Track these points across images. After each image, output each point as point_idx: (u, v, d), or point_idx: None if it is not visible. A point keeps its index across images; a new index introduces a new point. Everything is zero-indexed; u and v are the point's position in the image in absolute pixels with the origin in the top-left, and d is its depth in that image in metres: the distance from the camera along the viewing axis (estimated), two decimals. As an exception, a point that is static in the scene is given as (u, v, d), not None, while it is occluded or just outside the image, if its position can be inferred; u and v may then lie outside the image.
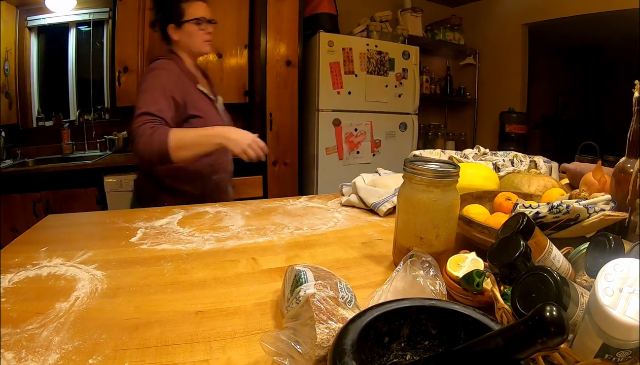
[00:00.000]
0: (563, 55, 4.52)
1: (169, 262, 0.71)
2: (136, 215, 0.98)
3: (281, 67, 2.64)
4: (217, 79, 2.75)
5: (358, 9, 3.22)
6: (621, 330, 0.30)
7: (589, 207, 0.61)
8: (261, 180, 2.72)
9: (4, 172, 2.09)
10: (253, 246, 0.80)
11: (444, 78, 3.88)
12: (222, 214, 1.01)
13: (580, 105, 5.02)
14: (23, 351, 0.45)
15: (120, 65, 2.55)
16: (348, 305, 0.45)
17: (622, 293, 0.31)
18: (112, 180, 2.32)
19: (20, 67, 2.52)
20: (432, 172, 0.60)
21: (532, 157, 1.27)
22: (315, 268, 0.52)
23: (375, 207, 1.03)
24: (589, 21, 3.05)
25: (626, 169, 0.66)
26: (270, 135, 2.67)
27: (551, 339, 0.24)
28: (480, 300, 0.52)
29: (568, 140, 4.11)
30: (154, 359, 0.44)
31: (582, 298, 0.38)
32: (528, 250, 0.43)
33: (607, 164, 0.94)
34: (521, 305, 0.37)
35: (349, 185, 1.17)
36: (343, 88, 2.76)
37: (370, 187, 1.10)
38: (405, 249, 0.64)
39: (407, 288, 0.51)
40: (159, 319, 0.52)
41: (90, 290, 0.60)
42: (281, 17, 2.58)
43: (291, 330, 0.42)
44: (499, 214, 0.77)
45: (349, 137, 2.85)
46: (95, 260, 0.70)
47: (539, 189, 0.91)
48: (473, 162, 1.16)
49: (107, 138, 2.71)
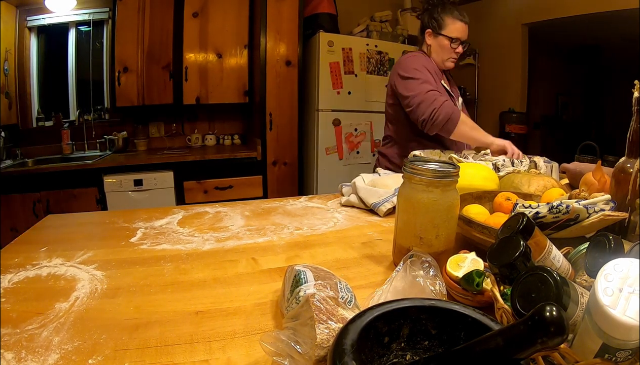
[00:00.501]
0: (563, 55, 4.52)
1: (169, 262, 0.71)
2: (136, 215, 0.98)
3: (281, 67, 2.64)
4: (217, 79, 2.76)
5: (358, 9, 3.23)
6: (621, 330, 0.30)
7: (589, 207, 0.61)
8: (261, 180, 2.72)
9: (4, 172, 2.09)
10: (253, 246, 0.80)
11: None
12: (222, 214, 1.01)
13: (580, 105, 5.02)
14: (23, 351, 0.45)
15: (120, 65, 2.55)
16: (348, 305, 0.45)
17: (622, 293, 0.31)
18: (112, 180, 2.33)
19: (20, 67, 2.52)
20: (432, 172, 0.60)
21: (531, 157, 1.27)
22: (315, 268, 0.52)
23: (375, 207, 1.03)
24: (589, 21, 3.05)
25: (626, 169, 0.66)
26: (270, 135, 2.68)
27: (551, 339, 0.24)
28: (480, 300, 0.52)
29: (568, 140, 4.12)
30: (154, 359, 0.44)
31: (582, 298, 0.38)
32: (528, 250, 0.43)
33: (607, 164, 0.94)
34: (521, 305, 0.37)
35: (349, 185, 1.17)
36: (343, 88, 2.76)
37: (370, 187, 1.10)
38: (405, 249, 0.64)
39: (407, 288, 0.51)
40: (159, 319, 0.52)
41: (90, 291, 0.60)
42: (281, 17, 2.58)
43: (291, 330, 0.42)
44: (499, 214, 0.77)
45: (349, 137, 2.85)
46: (95, 261, 0.70)
47: (538, 189, 0.91)
48: (473, 162, 1.16)
49: (107, 138, 2.71)
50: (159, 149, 2.88)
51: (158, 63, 2.65)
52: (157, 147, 2.92)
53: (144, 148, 2.84)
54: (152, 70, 2.63)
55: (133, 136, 2.83)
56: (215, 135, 3.05)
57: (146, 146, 2.86)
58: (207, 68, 2.73)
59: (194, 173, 2.53)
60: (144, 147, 2.84)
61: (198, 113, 3.03)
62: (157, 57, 2.63)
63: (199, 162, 2.55)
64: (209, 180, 2.57)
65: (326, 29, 2.72)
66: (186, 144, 3.01)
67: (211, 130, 3.08)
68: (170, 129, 2.98)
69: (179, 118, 2.99)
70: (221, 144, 3.05)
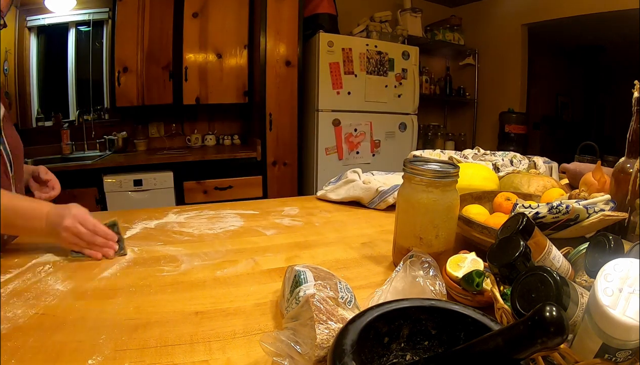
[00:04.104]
0: (563, 55, 4.52)
1: (169, 262, 0.71)
2: (136, 215, 0.98)
3: (281, 67, 2.64)
4: (217, 79, 2.76)
5: (358, 9, 3.22)
6: (621, 331, 0.30)
7: (589, 207, 0.61)
8: (261, 180, 2.72)
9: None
10: (253, 246, 0.80)
11: (444, 78, 3.88)
12: (222, 214, 1.01)
13: (580, 105, 5.02)
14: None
15: (120, 65, 2.55)
16: (348, 305, 0.45)
17: (621, 293, 0.31)
18: (112, 180, 2.32)
19: (20, 67, 2.52)
20: (432, 173, 0.60)
21: (531, 158, 1.27)
22: (315, 268, 0.52)
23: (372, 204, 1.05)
24: (589, 21, 3.05)
25: (626, 169, 0.66)
26: (269, 135, 2.68)
27: (551, 339, 0.24)
28: (480, 301, 0.52)
29: (568, 140, 4.11)
30: (153, 360, 0.44)
31: (582, 298, 0.38)
32: (528, 250, 0.43)
33: (606, 164, 0.94)
34: (521, 305, 0.37)
35: (334, 182, 1.18)
36: (343, 88, 2.76)
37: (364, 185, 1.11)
38: (405, 249, 0.64)
39: (407, 288, 0.51)
40: (159, 319, 0.52)
41: (90, 291, 0.60)
42: (281, 17, 2.58)
43: (291, 330, 0.42)
44: (499, 214, 0.77)
45: (349, 138, 2.85)
46: (94, 260, 0.70)
47: (538, 189, 0.91)
48: (472, 163, 1.16)
49: (107, 138, 2.71)
50: (159, 149, 2.88)
51: (158, 63, 2.64)
52: (157, 147, 2.92)
53: (143, 148, 2.84)
54: (152, 70, 2.63)
55: (133, 136, 2.83)
56: (215, 136, 3.05)
57: (146, 146, 2.85)
58: (207, 68, 2.73)
59: (193, 173, 2.53)
60: (143, 147, 2.84)
61: (198, 113, 3.03)
62: (157, 57, 2.63)
63: (199, 162, 2.55)
64: (209, 180, 2.57)
65: (326, 29, 2.72)
66: (186, 144, 3.01)
67: (211, 131, 3.08)
68: (170, 129, 2.98)
69: (179, 118, 2.99)
70: (221, 144, 3.05)
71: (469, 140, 3.93)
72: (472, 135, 3.94)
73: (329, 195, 1.13)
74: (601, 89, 4.97)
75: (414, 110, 3.08)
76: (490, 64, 3.76)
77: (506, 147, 3.33)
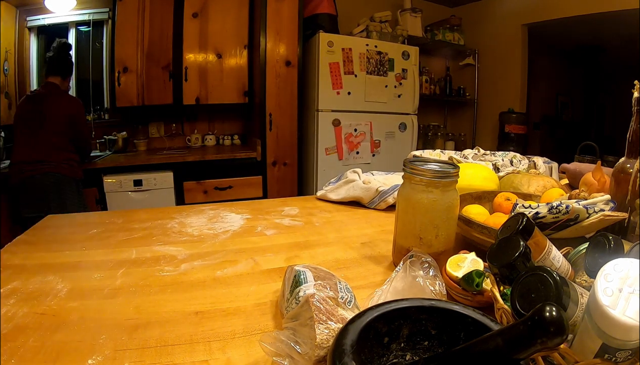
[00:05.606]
0: (563, 55, 4.53)
1: (169, 262, 0.71)
2: (136, 215, 0.98)
3: (281, 67, 2.64)
4: (217, 79, 2.76)
5: (358, 9, 3.23)
6: (621, 331, 0.30)
7: (589, 208, 0.61)
8: (261, 180, 2.72)
9: (4, 172, 2.09)
10: (253, 246, 0.80)
11: (444, 78, 3.88)
12: (222, 214, 1.01)
13: (580, 105, 5.02)
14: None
15: (120, 65, 2.55)
16: (348, 305, 0.45)
17: (621, 293, 0.31)
18: (112, 180, 2.33)
19: (20, 68, 2.52)
20: (432, 173, 0.60)
21: (531, 158, 1.27)
22: (314, 268, 0.52)
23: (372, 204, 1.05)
24: (589, 21, 3.05)
25: (626, 169, 0.66)
26: (270, 135, 2.68)
27: (551, 339, 0.24)
28: (480, 301, 0.52)
29: (568, 141, 4.12)
30: (153, 360, 0.44)
31: (582, 298, 0.38)
32: (528, 250, 0.43)
33: (606, 164, 0.94)
34: (521, 305, 0.37)
35: (334, 182, 1.18)
36: (343, 88, 2.76)
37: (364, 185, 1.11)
38: (404, 249, 0.64)
39: (406, 288, 0.51)
40: (159, 319, 0.52)
41: (90, 291, 0.60)
42: (281, 17, 2.58)
43: (291, 330, 0.42)
44: (499, 214, 0.77)
45: (349, 138, 2.85)
46: (95, 261, 0.70)
47: (538, 189, 0.91)
48: (472, 163, 1.16)
49: (107, 138, 2.71)
50: (159, 149, 2.88)
51: (158, 63, 2.65)
52: (157, 147, 2.92)
53: (143, 148, 2.84)
54: (152, 70, 2.63)
55: (133, 136, 2.83)
56: (215, 136, 3.06)
57: (146, 146, 2.86)
58: (206, 68, 2.74)
59: (193, 173, 2.53)
60: (143, 147, 2.84)
61: (198, 113, 3.03)
62: (157, 57, 2.63)
63: (199, 162, 2.56)
64: (209, 180, 2.57)
65: (326, 30, 2.72)
66: (186, 144, 3.01)
67: (211, 131, 3.08)
68: (170, 129, 2.99)
69: (179, 118, 3.00)
70: (221, 144, 3.05)
71: (469, 140, 3.94)
72: (472, 136, 3.94)
73: (329, 195, 1.14)
74: (601, 89, 4.98)
75: (414, 111, 3.08)
76: (490, 64, 3.76)
77: (506, 147, 3.33)
